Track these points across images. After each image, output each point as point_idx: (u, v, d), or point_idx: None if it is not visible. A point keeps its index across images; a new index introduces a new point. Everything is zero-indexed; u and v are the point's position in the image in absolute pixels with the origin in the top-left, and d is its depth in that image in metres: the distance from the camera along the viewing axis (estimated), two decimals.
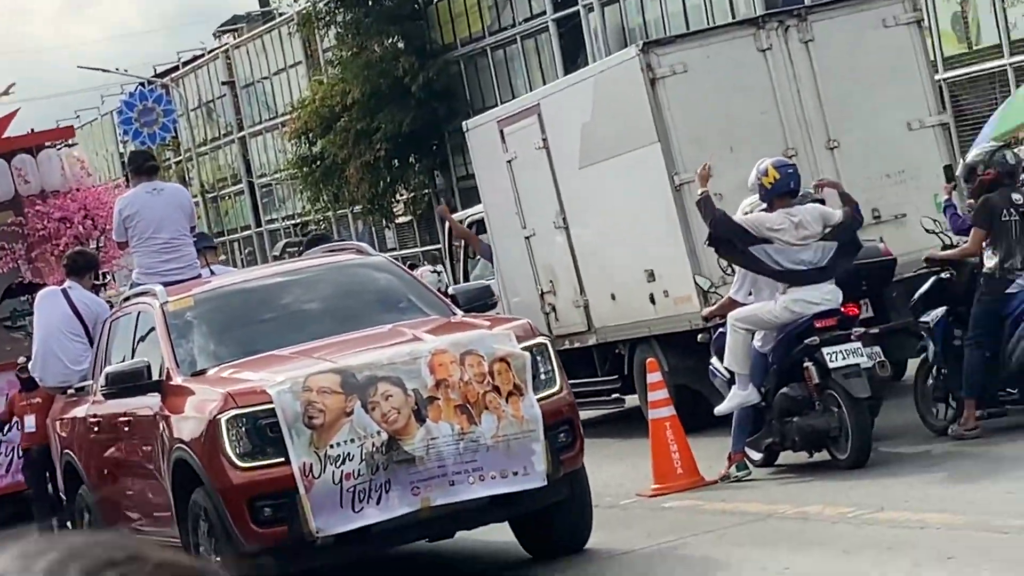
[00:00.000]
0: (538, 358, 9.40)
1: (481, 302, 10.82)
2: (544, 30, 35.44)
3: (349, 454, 8.79)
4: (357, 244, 12.25)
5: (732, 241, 11.14)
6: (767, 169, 11.14)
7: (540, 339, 9.68)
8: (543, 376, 9.41)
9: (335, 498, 8.76)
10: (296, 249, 33.27)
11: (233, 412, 8.95)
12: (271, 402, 8.87)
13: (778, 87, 13.73)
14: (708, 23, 27.45)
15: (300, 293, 10.60)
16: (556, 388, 9.45)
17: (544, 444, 9.10)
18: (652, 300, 14.18)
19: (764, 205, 11.24)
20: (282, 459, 8.83)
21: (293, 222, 49.19)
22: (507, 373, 9.14)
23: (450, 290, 11.76)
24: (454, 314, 10.26)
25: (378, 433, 8.83)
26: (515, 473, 9.03)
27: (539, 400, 9.22)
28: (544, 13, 35.34)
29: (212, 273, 12.20)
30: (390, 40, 39.10)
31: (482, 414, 9.02)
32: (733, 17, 26.18)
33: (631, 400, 15.34)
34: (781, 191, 11.11)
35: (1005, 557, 7.54)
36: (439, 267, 19.99)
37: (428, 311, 10.30)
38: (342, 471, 8.77)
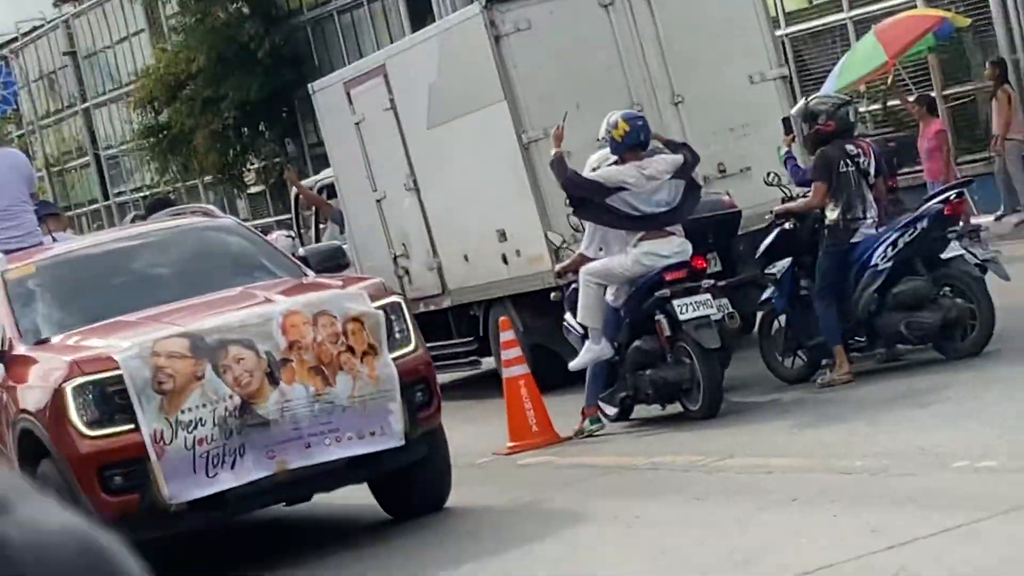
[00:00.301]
0: (392, 317, 9.36)
1: (333, 262, 10.73)
2: None
3: (201, 419, 8.71)
4: (204, 207, 12.12)
5: (590, 199, 11.19)
6: (617, 122, 11.19)
7: (393, 298, 9.63)
8: (398, 335, 9.36)
9: (188, 464, 8.68)
10: (139, 214, 32.85)
11: (79, 380, 8.81)
12: (118, 369, 8.75)
13: (622, 43, 13.81)
14: None
15: (147, 258, 10.43)
16: (411, 347, 9.42)
17: (400, 404, 9.08)
18: (505, 260, 14.22)
19: (614, 158, 11.29)
20: (132, 426, 8.72)
21: (142, 194, 48.56)
22: (361, 333, 9.09)
23: (301, 251, 11.65)
24: (305, 275, 10.18)
25: (230, 397, 8.76)
26: (372, 433, 9.00)
27: (394, 359, 9.18)
28: None
29: (55, 241, 11.97)
30: (235, 6, 38.64)
31: (337, 375, 8.97)
32: None
33: (488, 363, 15.39)
34: (632, 144, 11.18)
35: (847, 496, 7.71)
36: (292, 232, 19.86)
37: (279, 273, 10.21)
38: (194, 436, 8.69)
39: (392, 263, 15.89)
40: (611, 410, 11.46)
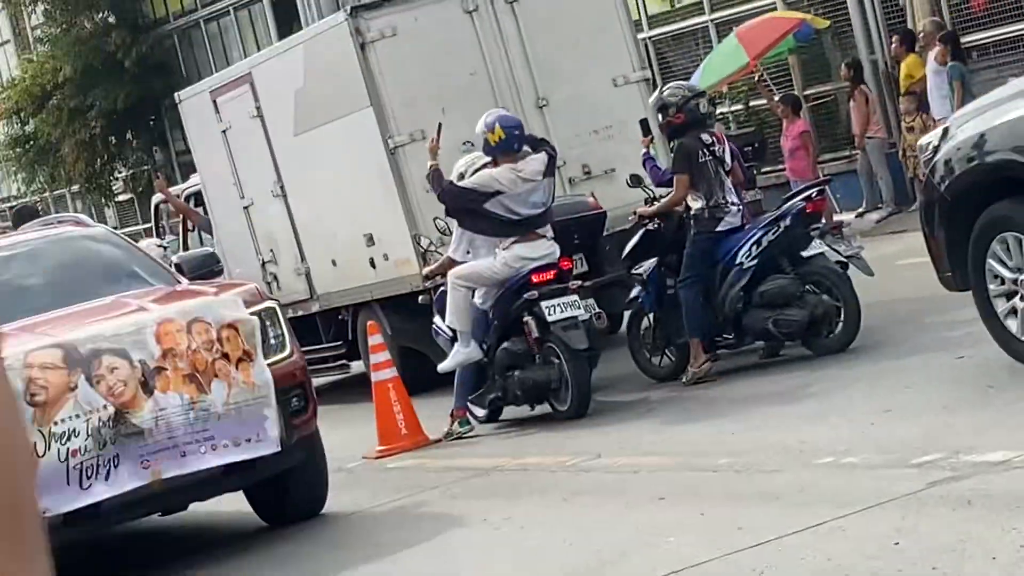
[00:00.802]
0: (267, 322, 9.31)
1: (207, 269, 10.63)
2: (257, 0, 35.12)
3: (75, 430, 8.60)
4: (75, 216, 11.97)
5: (467, 208, 11.21)
6: (494, 126, 11.22)
7: (269, 303, 9.57)
8: (273, 341, 9.32)
9: (61, 476, 8.56)
10: (6, 226, 32.39)
11: None
12: None
13: (486, 48, 13.89)
14: None
15: (17, 268, 10.26)
16: (287, 352, 9.37)
17: (276, 409, 9.03)
18: (372, 264, 14.24)
19: (485, 160, 11.32)
20: None
21: (9, 204, 47.87)
22: (236, 339, 9.03)
23: (174, 258, 11.53)
24: (179, 283, 10.12)
25: (104, 407, 8.66)
26: (248, 440, 8.94)
27: (270, 365, 9.13)
28: None
29: None
30: (100, 15, 38.26)
31: (212, 382, 8.89)
32: None
33: (357, 366, 15.39)
34: (506, 149, 11.23)
35: (712, 493, 7.80)
36: (165, 240, 19.74)
37: (152, 281, 10.13)
38: (68, 448, 8.58)
39: (260, 269, 15.84)
40: (480, 412, 11.50)
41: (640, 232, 11.71)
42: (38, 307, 9.67)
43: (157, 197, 21.15)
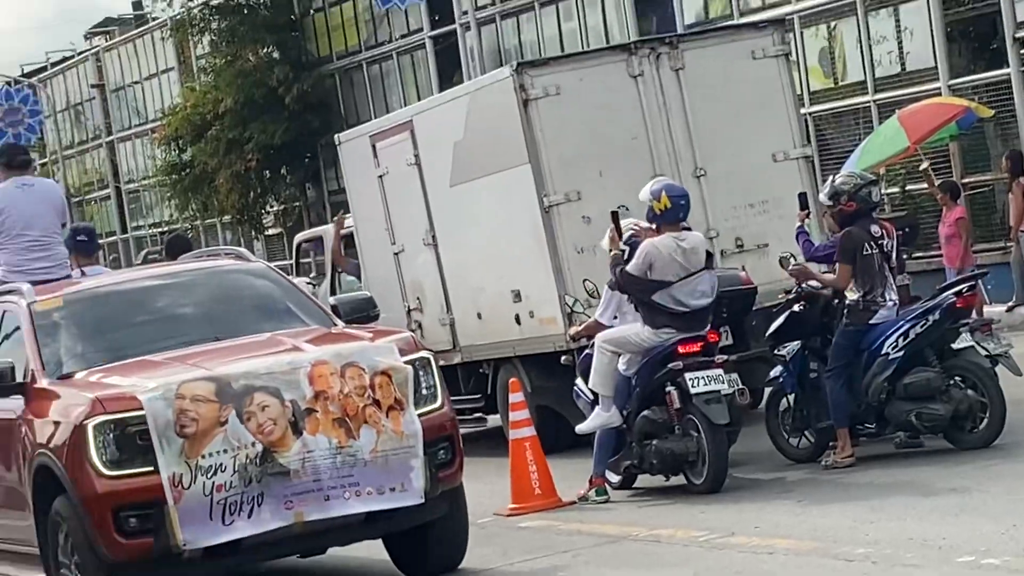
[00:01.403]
0: (420, 372, 9.25)
1: (363, 313, 10.51)
2: (421, 47, 35.49)
3: (221, 465, 8.63)
4: (236, 249, 12.05)
5: (638, 298, 11.25)
6: (660, 194, 11.26)
7: (423, 353, 9.51)
8: (425, 391, 9.27)
9: (205, 510, 8.59)
10: (156, 256, 32.85)
11: (101, 418, 8.71)
12: (141, 409, 8.66)
13: (648, 113, 13.91)
14: (582, 47, 27.68)
15: (176, 297, 10.31)
16: (438, 404, 9.32)
17: (423, 460, 8.99)
18: (518, 320, 14.28)
19: (648, 226, 11.35)
20: (151, 468, 8.62)
21: (160, 230, 48.71)
22: (388, 387, 9.00)
23: (332, 300, 11.59)
24: (335, 324, 10.10)
25: (252, 444, 8.67)
26: (392, 489, 8.91)
27: (420, 415, 9.09)
28: (421, 30, 35.40)
29: (83, 275, 11.85)
30: (265, 50, 38.88)
31: (361, 428, 8.88)
32: (607, 43, 26.42)
33: (493, 419, 15.41)
34: (670, 220, 11.26)
35: None
36: (315, 278, 19.97)
37: (309, 320, 10.11)
38: (213, 482, 8.61)
39: (406, 316, 15.94)
40: (615, 478, 11.50)
41: (786, 313, 11.67)
42: (194, 337, 9.74)
43: (300, 236, 21.42)
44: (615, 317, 11.64)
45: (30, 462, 9.24)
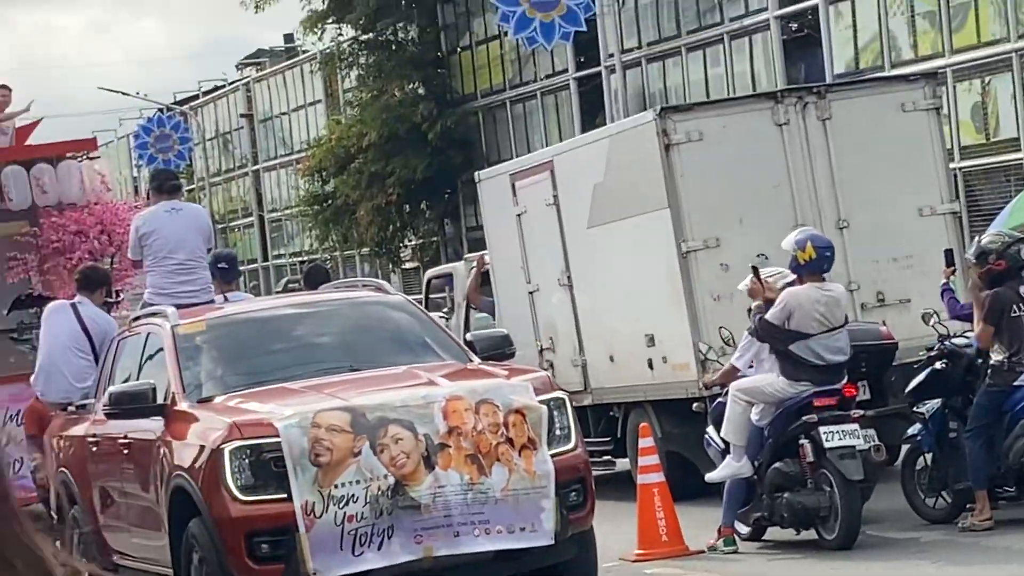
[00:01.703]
0: (555, 412, 9.24)
1: (499, 350, 10.48)
2: (565, 88, 35.58)
3: (354, 495, 8.65)
4: (376, 281, 12.13)
5: (775, 348, 11.14)
6: (806, 244, 11.13)
7: (558, 393, 9.53)
8: (558, 431, 9.24)
9: (335, 539, 8.62)
10: (296, 285, 33.18)
11: (238, 443, 8.81)
12: (277, 436, 8.73)
13: (792, 162, 13.74)
14: (728, 94, 27.54)
15: (315, 326, 10.44)
16: (571, 445, 9.29)
17: (554, 501, 8.95)
18: (650, 365, 14.16)
19: (791, 277, 11.23)
20: (284, 495, 8.69)
21: (300, 259, 49.25)
22: (522, 425, 8.98)
23: (468, 336, 11.57)
24: (471, 360, 10.09)
25: (385, 476, 8.69)
26: (522, 529, 8.87)
27: (553, 456, 9.06)
28: (566, 71, 35.49)
29: (226, 300, 11.96)
30: (411, 86, 39.27)
31: (493, 466, 8.86)
32: (754, 90, 26.27)
33: (622, 463, 15.29)
34: (814, 270, 11.14)
35: None
36: (447, 312, 19.98)
37: (445, 355, 10.12)
38: (345, 512, 8.64)
39: (538, 355, 15.88)
40: (744, 529, 11.34)
41: (927, 370, 11.44)
42: (330, 367, 9.82)
43: (430, 272, 21.48)
44: (751, 365, 11.48)
45: (167, 483, 9.33)
